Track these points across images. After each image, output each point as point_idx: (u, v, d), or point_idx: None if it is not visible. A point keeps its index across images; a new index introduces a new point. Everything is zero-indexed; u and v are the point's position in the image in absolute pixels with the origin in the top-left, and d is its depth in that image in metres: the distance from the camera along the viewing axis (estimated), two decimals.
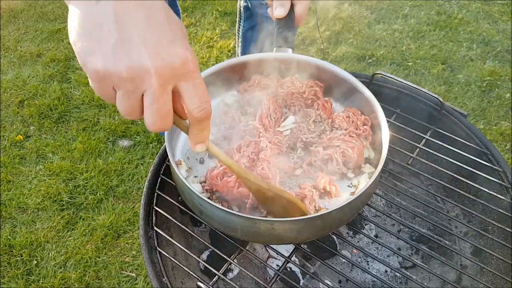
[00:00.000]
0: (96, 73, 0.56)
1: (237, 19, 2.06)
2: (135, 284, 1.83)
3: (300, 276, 1.20)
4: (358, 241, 1.23)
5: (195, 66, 0.59)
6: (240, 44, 2.15)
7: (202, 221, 0.96)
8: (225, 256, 0.97)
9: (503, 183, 1.07)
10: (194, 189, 0.87)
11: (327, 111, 1.09)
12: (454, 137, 1.16)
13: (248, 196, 0.93)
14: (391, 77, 1.21)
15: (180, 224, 1.02)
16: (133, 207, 2.08)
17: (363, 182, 0.98)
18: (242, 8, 1.99)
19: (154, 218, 1.05)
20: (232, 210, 0.91)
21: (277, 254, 1.07)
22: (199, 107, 0.61)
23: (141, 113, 0.60)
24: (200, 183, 0.99)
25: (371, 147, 1.05)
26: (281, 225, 0.85)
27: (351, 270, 1.19)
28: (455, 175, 1.09)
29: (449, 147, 1.13)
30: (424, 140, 1.17)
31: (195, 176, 1.02)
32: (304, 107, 1.11)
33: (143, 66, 0.55)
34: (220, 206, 0.85)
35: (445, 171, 1.10)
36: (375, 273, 1.07)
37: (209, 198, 0.94)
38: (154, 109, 0.58)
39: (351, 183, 1.00)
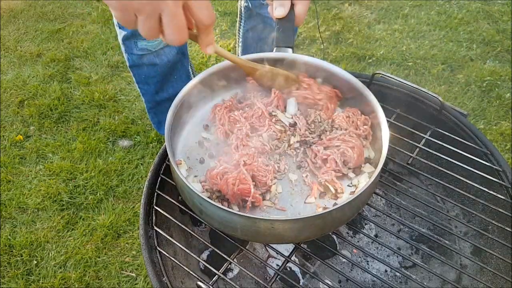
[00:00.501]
0: (119, 2, 0.68)
1: (238, 19, 2.06)
2: (135, 284, 1.83)
3: (300, 275, 1.20)
4: (358, 241, 1.23)
5: None
6: (240, 44, 2.15)
7: (202, 220, 0.96)
8: (225, 256, 0.97)
9: (503, 183, 1.07)
10: (194, 188, 0.87)
11: (328, 113, 1.09)
12: (454, 137, 1.16)
13: (249, 194, 0.93)
14: (391, 77, 1.21)
15: (180, 224, 1.02)
16: (133, 207, 2.08)
17: (363, 182, 0.98)
18: (242, 8, 1.99)
19: (154, 218, 1.05)
20: (232, 209, 0.92)
21: (277, 253, 1.07)
22: (207, 15, 0.74)
23: (160, 33, 0.72)
24: (200, 183, 0.99)
25: (371, 147, 1.05)
26: (281, 225, 0.85)
27: (351, 270, 1.19)
28: (455, 175, 1.09)
29: (449, 147, 1.13)
30: (424, 140, 1.17)
31: (195, 176, 1.02)
32: (305, 107, 1.11)
33: None
34: (220, 206, 0.85)
35: (445, 171, 1.10)
36: (375, 273, 1.07)
37: (209, 197, 0.94)
38: (173, 25, 0.70)
39: (351, 183, 1.00)
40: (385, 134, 0.96)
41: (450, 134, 1.16)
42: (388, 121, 0.99)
